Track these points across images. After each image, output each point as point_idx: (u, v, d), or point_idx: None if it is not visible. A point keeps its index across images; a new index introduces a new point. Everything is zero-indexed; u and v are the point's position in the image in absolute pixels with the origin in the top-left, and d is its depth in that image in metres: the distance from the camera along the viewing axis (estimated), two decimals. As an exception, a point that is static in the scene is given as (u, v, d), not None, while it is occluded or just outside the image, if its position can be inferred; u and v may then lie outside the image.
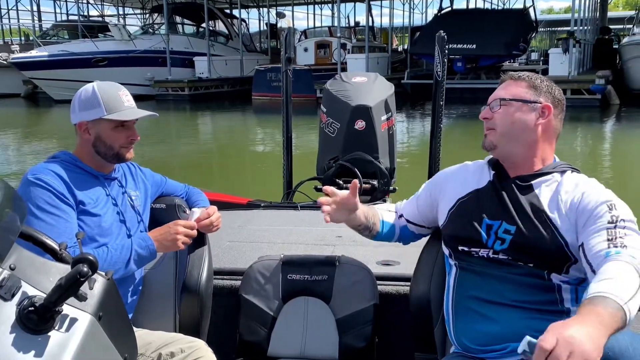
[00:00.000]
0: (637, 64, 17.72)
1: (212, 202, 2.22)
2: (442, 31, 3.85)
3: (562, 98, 1.68)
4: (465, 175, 1.76)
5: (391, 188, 3.88)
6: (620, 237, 1.39)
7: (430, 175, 3.92)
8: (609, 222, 1.43)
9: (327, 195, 1.76)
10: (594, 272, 1.36)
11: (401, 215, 1.92)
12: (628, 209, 1.49)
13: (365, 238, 1.92)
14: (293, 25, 35.44)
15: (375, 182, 3.78)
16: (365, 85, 3.85)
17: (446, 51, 3.84)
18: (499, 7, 32.96)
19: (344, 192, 1.76)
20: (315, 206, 3.64)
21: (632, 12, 28.56)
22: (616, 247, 1.37)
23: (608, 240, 1.39)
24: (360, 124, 3.71)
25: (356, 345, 2.07)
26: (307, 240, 2.82)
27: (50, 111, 20.79)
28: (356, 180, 1.75)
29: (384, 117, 3.83)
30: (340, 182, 3.81)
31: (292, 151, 4.09)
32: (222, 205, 3.31)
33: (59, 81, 20.88)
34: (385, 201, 3.91)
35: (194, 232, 1.94)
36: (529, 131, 1.62)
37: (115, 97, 1.86)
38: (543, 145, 1.64)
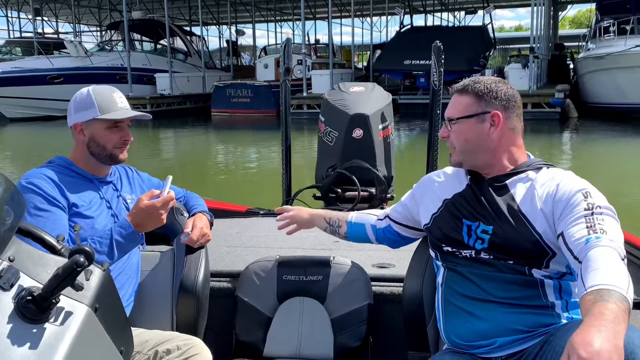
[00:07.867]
0: (593, 78, 18.32)
1: (211, 210, 2.22)
2: (437, 41, 3.85)
3: (509, 97, 1.67)
4: (446, 180, 1.81)
5: (389, 195, 3.85)
6: (599, 223, 1.42)
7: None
8: (585, 210, 1.46)
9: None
10: (576, 258, 1.38)
11: (387, 216, 1.97)
12: (602, 196, 1.51)
13: (362, 242, 2.02)
14: (254, 42, 35.58)
15: (373, 190, 3.74)
16: (363, 94, 3.84)
17: (442, 61, 3.83)
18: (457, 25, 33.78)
19: (295, 213, 2.08)
20: None
21: (581, 31, 29.80)
22: (596, 232, 1.39)
23: (587, 227, 1.41)
24: (357, 133, 3.70)
25: (351, 344, 2.08)
26: (304, 245, 2.79)
27: (3, 130, 20.02)
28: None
29: (381, 126, 3.82)
30: (339, 190, 3.75)
31: (291, 160, 4.01)
32: (221, 213, 3.27)
33: (13, 99, 20.21)
34: (383, 208, 3.86)
35: (174, 202, 1.92)
36: (486, 141, 1.65)
37: (109, 98, 1.92)
38: (506, 147, 1.66)
